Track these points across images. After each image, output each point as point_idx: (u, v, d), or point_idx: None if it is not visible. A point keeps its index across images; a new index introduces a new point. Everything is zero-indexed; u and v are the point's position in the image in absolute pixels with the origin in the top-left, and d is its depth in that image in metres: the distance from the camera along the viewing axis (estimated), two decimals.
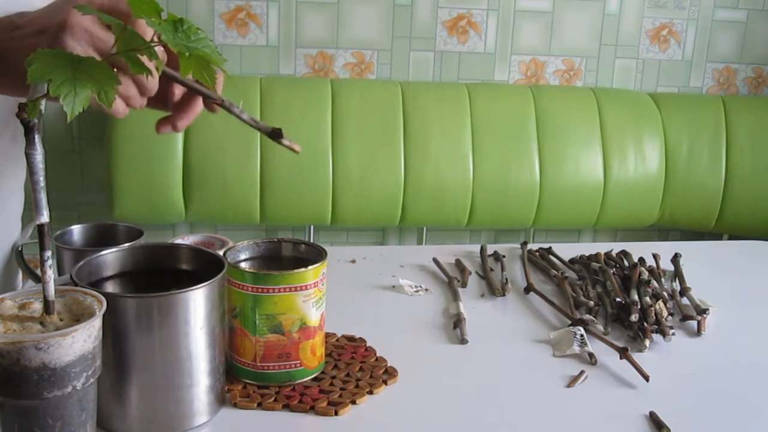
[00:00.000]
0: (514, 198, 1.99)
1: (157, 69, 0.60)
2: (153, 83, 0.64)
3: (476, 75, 2.15)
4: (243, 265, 0.76)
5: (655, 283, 0.99)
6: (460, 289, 1.02)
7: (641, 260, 1.08)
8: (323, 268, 0.73)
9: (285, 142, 0.63)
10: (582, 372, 0.79)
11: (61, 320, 0.55)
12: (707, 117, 2.10)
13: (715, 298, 1.02)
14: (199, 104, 0.71)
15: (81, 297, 0.58)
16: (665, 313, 0.91)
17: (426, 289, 1.03)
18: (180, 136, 1.87)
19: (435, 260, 1.13)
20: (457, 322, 0.90)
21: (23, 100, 0.53)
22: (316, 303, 0.72)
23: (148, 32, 0.59)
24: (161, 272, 0.72)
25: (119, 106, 0.63)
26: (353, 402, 0.71)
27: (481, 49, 2.13)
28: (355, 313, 0.94)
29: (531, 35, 2.14)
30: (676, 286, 1.05)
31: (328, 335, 0.84)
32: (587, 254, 1.14)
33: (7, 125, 0.83)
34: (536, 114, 2.02)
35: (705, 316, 0.94)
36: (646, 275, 0.99)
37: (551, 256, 1.16)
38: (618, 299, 0.96)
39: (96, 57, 0.59)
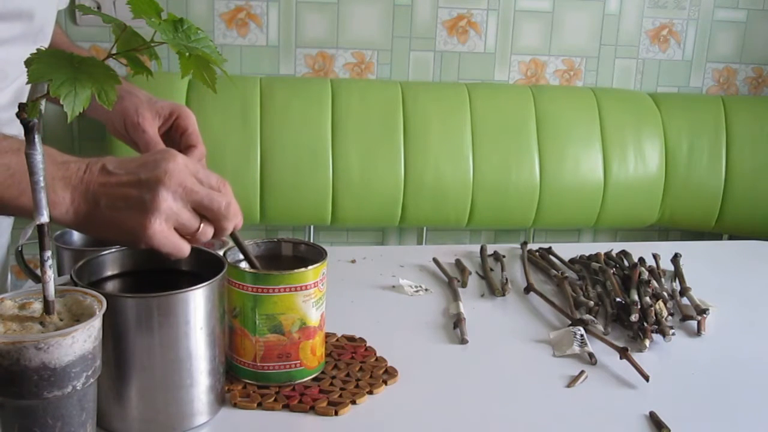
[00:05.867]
0: (514, 198, 1.99)
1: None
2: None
3: (476, 75, 2.14)
4: (243, 265, 0.76)
5: (655, 283, 0.99)
6: (460, 289, 1.02)
7: (641, 260, 1.08)
8: (323, 268, 0.73)
9: None
10: (582, 372, 0.79)
11: (61, 320, 0.55)
12: (707, 117, 2.10)
13: (715, 298, 1.02)
14: None
15: (81, 297, 0.58)
16: (665, 313, 0.91)
17: (426, 289, 1.03)
18: None
19: (435, 260, 1.13)
20: (457, 322, 0.90)
21: None
22: (316, 303, 0.72)
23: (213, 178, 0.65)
24: (161, 272, 0.72)
25: (186, 248, 0.65)
26: (353, 402, 0.71)
27: (481, 49, 2.13)
28: (355, 313, 0.94)
29: (531, 35, 2.14)
30: (676, 286, 1.05)
31: (328, 335, 0.84)
32: (587, 254, 1.14)
33: None
34: (536, 114, 2.02)
35: (705, 316, 0.94)
36: (646, 275, 0.99)
37: (551, 256, 1.16)
38: (618, 299, 0.96)
39: (188, 209, 0.63)
